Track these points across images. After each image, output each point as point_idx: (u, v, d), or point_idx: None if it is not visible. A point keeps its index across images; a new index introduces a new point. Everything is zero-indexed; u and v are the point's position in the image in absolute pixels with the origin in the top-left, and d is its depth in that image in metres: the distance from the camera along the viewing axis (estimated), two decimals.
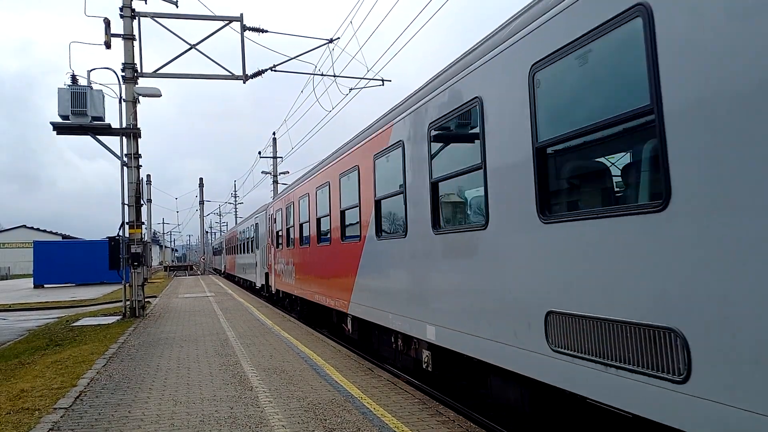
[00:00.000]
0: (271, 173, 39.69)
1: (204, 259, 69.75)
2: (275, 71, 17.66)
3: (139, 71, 16.36)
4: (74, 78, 15.60)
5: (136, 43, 16.28)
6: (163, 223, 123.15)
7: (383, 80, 18.78)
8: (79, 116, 15.39)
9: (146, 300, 18.42)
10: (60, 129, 15.81)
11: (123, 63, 16.24)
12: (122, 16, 16.15)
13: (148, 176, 41.34)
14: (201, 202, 65.50)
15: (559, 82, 4.26)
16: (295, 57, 17.68)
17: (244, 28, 16.79)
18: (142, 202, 17.64)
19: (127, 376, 8.17)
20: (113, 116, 23.71)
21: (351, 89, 18.59)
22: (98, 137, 15.91)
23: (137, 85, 16.36)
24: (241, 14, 16.76)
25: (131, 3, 16.24)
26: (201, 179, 65.73)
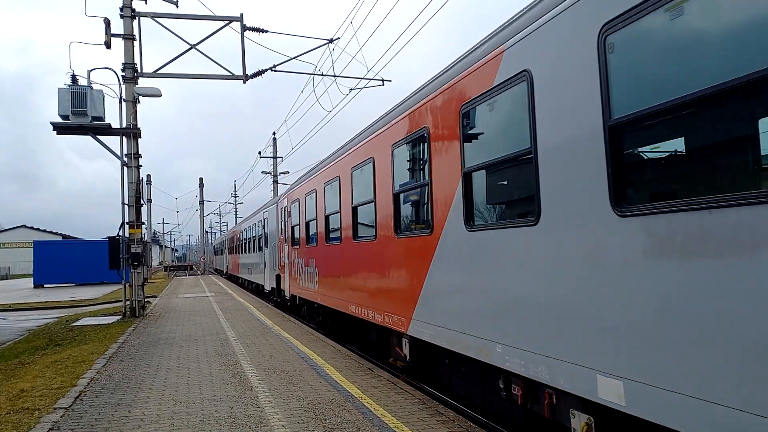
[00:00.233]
0: (271, 173, 39.76)
1: (204, 259, 69.78)
2: (275, 71, 17.68)
3: (139, 71, 16.37)
4: (74, 78, 15.62)
5: (136, 43, 16.30)
6: (163, 223, 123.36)
7: (383, 80, 18.79)
8: (79, 116, 15.40)
9: (146, 300, 18.43)
10: (60, 129, 15.82)
11: (123, 63, 16.26)
12: (122, 16, 16.16)
13: (148, 176, 41.36)
14: (201, 202, 65.57)
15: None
16: (295, 57, 17.70)
17: (244, 28, 16.80)
18: (142, 202, 17.64)
19: (127, 376, 8.18)
20: (113, 116, 23.74)
21: (351, 89, 18.63)
22: (98, 137, 15.92)
23: (137, 85, 16.37)
24: (241, 14, 16.77)
25: (131, 3, 16.25)
26: (201, 179, 65.87)
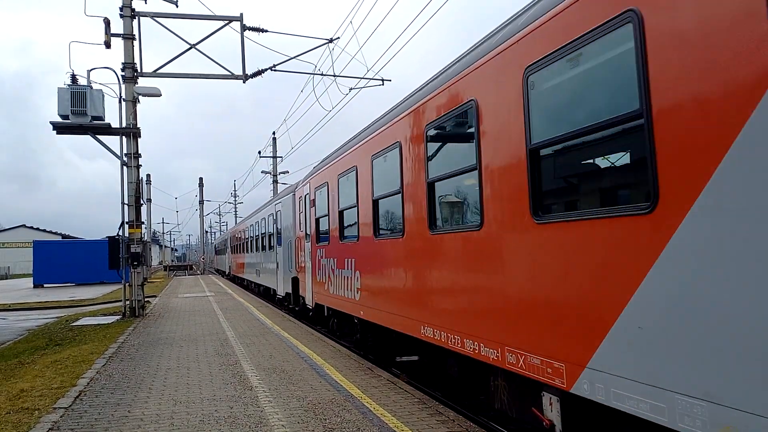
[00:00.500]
0: (271, 173, 39.78)
1: (204, 259, 69.76)
2: (275, 71, 17.69)
3: (139, 71, 16.37)
4: (74, 78, 15.62)
5: (136, 43, 16.30)
6: (163, 223, 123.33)
7: (383, 80, 18.80)
8: (79, 116, 15.40)
9: (146, 300, 18.42)
10: (60, 129, 15.82)
11: (123, 63, 16.25)
12: (122, 16, 16.16)
13: (148, 176, 41.36)
14: (201, 202, 65.54)
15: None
16: (295, 57, 17.70)
17: (244, 28, 16.80)
18: (142, 202, 17.64)
19: (127, 376, 8.17)
20: (113, 116, 23.68)
21: (351, 89, 18.64)
22: (98, 137, 15.93)
23: (137, 85, 16.37)
24: (241, 14, 16.77)
25: (131, 3, 16.25)
26: (201, 179, 65.83)
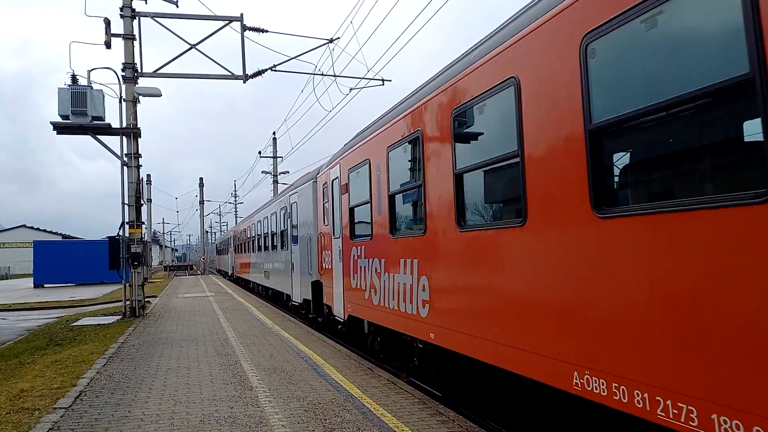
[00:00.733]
0: (271, 173, 39.77)
1: (204, 259, 69.73)
2: (275, 71, 17.67)
3: (139, 71, 16.36)
4: (74, 78, 15.62)
5: (136, 43, 16.30)
6: (163, 223, 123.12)
7: (383, 80, 18.80)
8: (79, 116, 15.40)
9: (146, 300, 18.43)
10: (60, 129, 15.82)
11: (123, 63, 16.25)
12: (122, 16, 16.16)
13: (148, 176, 41.25)
14: (201, 202, 65.57)
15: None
16: (295, 57, 17.70)
17: (244, 28, 16.80)
18: (142, 202, 17.65)
19: (127, 376, 8.17)
20: (113, 116, 23.72)
21: (351, 89, 18.63)
22: (98, 137, 15.92)
23: (137, 85, 16.37)
24: (241, 14, 16.77)
25: (131, 3, 16.25)
26: (201, 179, 65.85)
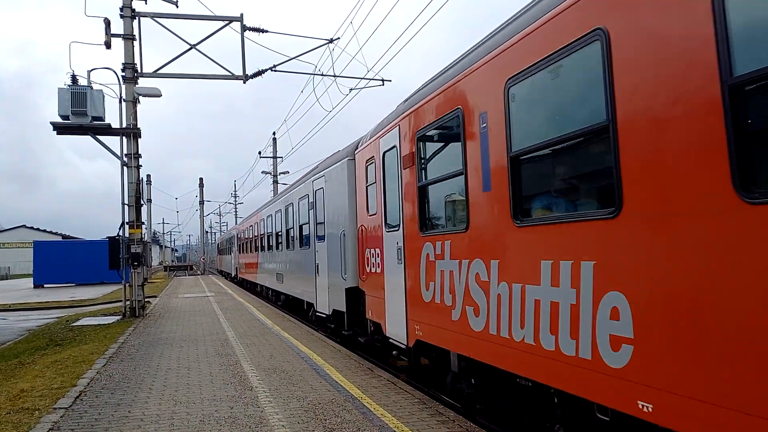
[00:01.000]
0: (271, 173, 39.77)
1: (204, 259, 69.67)
2: (275, 71, 17.67)
3: (139, 71, 16.36)
4: (74, 78, 15.61)
5: (136, 43, 16.29)
6: (163, 223, 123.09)
7: (383, 80, 18.79)
8: (79, 116, 15.39)
9: (146, 300, 18.42)
10: (60, 129, 15.82)
11: (123, 63, 16.25)
12: (122, 16, 16.16)
13: (148, 176, 41.33)
14: (201, 202, 65.49)
15: None
16: (295, 57, 17.69)
17: (244, 28, 16.79)
18: (142, 202, 17.64)
19: (127, 376, 8.17)
20: (113, 116, 23.74)
21: (351, 89, 18.63)
22: (98, 137, 15.92)
23: (137, 85, 16.36)
24: (241, 14, 16.77)
25: (131, 3, 16.25)
26: (201, 179, 65.73)
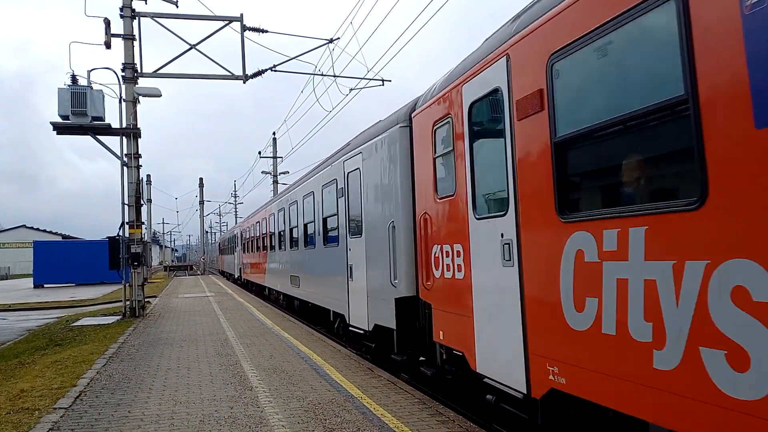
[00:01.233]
0: (271, 173, 39.77)
1: (204, 259, 69.63)
2: (275, 71, 17.67)
3: (139, 71, 16.36)
4: (74, 78, 15.61)
5: (136, 43, 16.29)
6: (163, 223, 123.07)
7: (383, 80, 18.80)
8: (79, 116, 15.39)
9: (146, 300, 18.42)
10: (60, 129, 15.81)
11: (123, 63, 16.24)
12: (122, 16, 16.16)
13: (148, 176, 41.34)
14: (201, 202, 65.48)
15: None
16: (295, 57, 17.69)
17: (244, 28, 16.79)
18: (142, 202, 17.64)
19: (127, 376, 8.17)
20: (113, 116, 23.71)
21: (351, 89, 18.64)
22: (98, 137, 15.92)
23: (137, 85, 16.36)
24: (241, 14, 16.77)
25: (131, 3, 16.25)
26: (201, 179, 65.70)
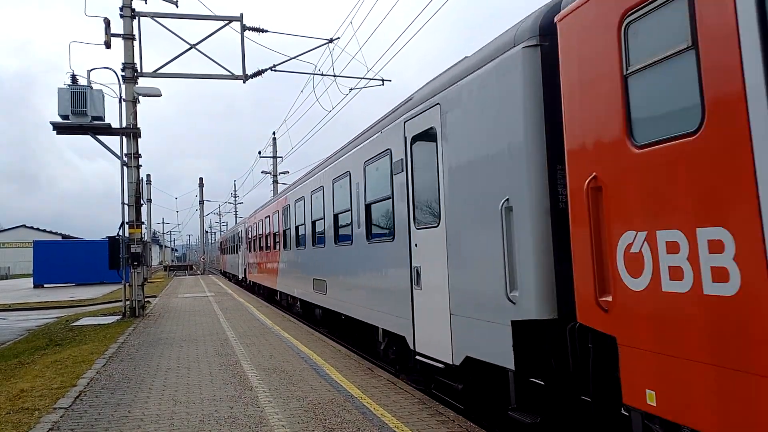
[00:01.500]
0: (271, 173, 39.77)
1: (204, 259, 69.61)
2: (275, 71, 17.66)
3: (139, 71, 16.35)
4: (74, 78, 15.60)
5: (136, 43, 16.28)
6: (163, 223, 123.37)
7: (383, 80, 18.79)
8: (79, 116, 15.38)
9: (146, 300, 18.42)
10: (60, 129, 15.81)
11: (123, 63, 16.24)
12: (122, 16, 16.15)
13: (148, 176, 41.22)
14: (201, 202, 65.47)
15: None
16: (295, 57, 17.69)
17: (244, 28, 16.79)
18: (142, 202, 17.64)
19: (127, 376, 8.17)
20: (113, 116, 23.70)
21: (351, 89, 18.63)
22: (98, 137, 15.91)
23: (137, 85, 16.36)
24: (241, 14, 16.76)
25: (131, 3, 16.24)
26: (201, 179, 65.67)
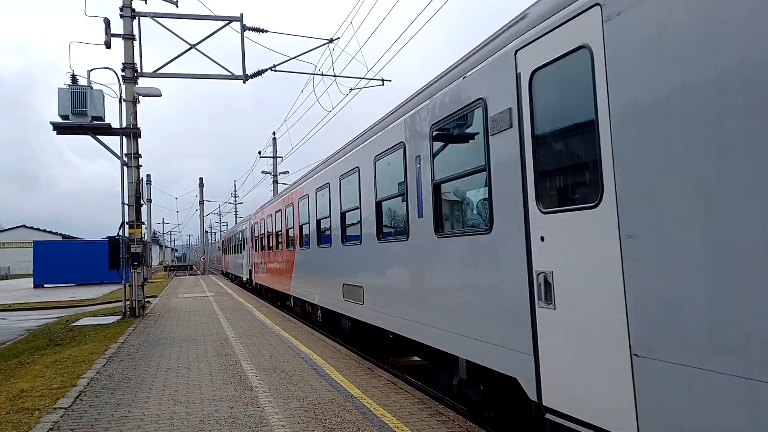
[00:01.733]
0: (271, 173, 39.77)
1: (204, 259, 69.62)
2: (275, 71, 17.66)
3: (139, 71, 16.35)
4: (74, 78, 15.60)
5: (136, 43, 16.28)
6: (163, 223, 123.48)
7: (383, 80, 18.80)
8: (79, 116, 15.38)
9: (146, 300, 18.42)
10: (60, 129, 15.81)
11: (123, 63, 16.24)
12: (122, 16, 16.15)
13: (148, 176, 41.29)
14: (201, 202, 65.48)
15: None
16: (295, 57, 17.69)
17: (244, 28, 16.79)
18: (142, 202, 17.64)
19: (127, 376, 8.17)
20: (113, 116, 23.73)
21: (351, 89, 18.64)
22: (98, 137, 15.91)
23: (137, 85, 16.36)
24: (241, 14, 16.76)
25: (131, 3, 16.24)
26: (201, 179, 65.70)
